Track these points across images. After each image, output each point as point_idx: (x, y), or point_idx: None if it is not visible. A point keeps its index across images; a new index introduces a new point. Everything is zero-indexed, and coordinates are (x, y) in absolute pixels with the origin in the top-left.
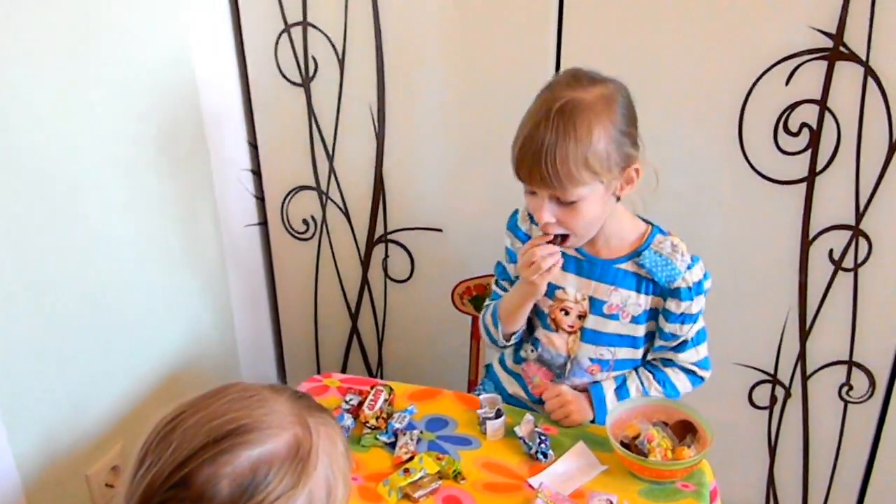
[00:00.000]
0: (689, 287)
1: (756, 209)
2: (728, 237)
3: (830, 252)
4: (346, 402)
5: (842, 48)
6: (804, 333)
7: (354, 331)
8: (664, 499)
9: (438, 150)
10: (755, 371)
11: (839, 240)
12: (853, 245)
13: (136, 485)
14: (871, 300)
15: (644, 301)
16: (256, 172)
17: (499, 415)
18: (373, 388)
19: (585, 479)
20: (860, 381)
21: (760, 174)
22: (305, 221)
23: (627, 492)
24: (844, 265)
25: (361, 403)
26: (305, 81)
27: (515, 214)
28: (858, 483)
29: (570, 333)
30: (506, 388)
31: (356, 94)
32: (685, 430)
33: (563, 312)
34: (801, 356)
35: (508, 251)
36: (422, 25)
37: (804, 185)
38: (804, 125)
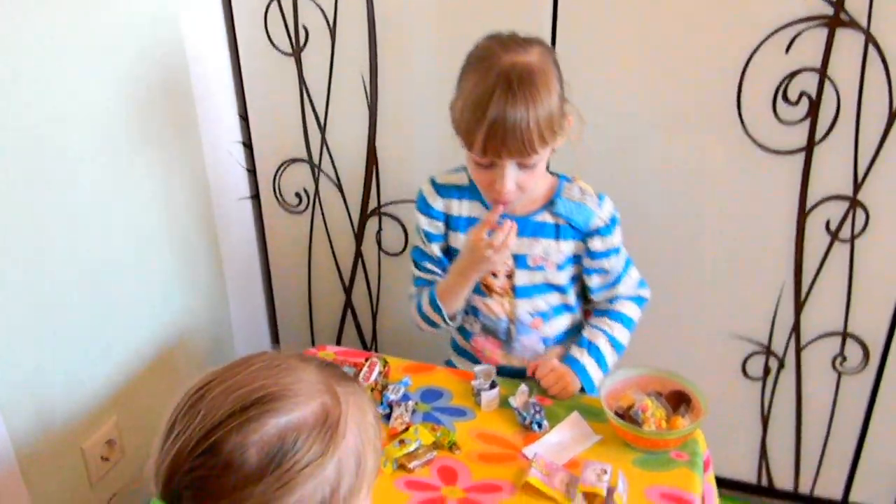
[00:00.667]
0: (607, 223)
1: (753, 179)
2: (725, 207)
3: (827, 223)
4: None
5: (842, 15)
6: (799, 304)
7: (348, 304)
8: (658, 468)
9: (432, 121)
10: (749, 342)
11: (836, 210)
12: (850, 216)
13: (166, 453)
14: (867, 271)
15: (566, 247)
16: (248, 145)
17: (493, 386)
18: (367, 361)
19: (580, 449)
20: (854, 353)
21: (759, 144)
22: (298, 194)
23: (622, 461)
24: (841, 236)
25: (356, 376)
26: (296, 51)
27: (422, 195)
28: (850, 454)
29: (503, 295)
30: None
31: (348, 65)
32: (679, 400)
33: (492, 276)
34: (796, 327)
35: (426, 233)
36: None
37: (802, 156)
38: (803, 94)
